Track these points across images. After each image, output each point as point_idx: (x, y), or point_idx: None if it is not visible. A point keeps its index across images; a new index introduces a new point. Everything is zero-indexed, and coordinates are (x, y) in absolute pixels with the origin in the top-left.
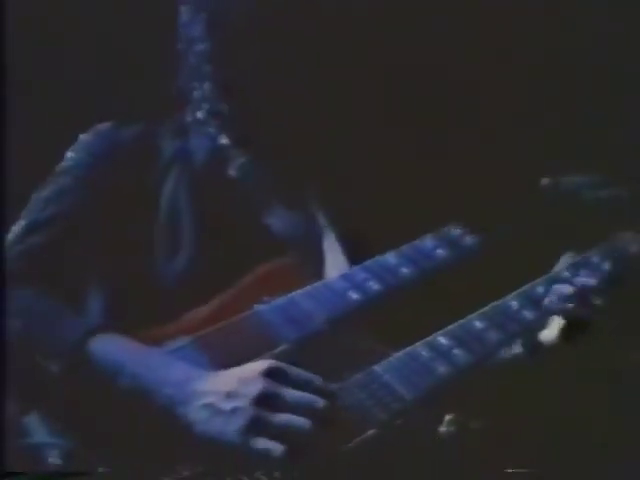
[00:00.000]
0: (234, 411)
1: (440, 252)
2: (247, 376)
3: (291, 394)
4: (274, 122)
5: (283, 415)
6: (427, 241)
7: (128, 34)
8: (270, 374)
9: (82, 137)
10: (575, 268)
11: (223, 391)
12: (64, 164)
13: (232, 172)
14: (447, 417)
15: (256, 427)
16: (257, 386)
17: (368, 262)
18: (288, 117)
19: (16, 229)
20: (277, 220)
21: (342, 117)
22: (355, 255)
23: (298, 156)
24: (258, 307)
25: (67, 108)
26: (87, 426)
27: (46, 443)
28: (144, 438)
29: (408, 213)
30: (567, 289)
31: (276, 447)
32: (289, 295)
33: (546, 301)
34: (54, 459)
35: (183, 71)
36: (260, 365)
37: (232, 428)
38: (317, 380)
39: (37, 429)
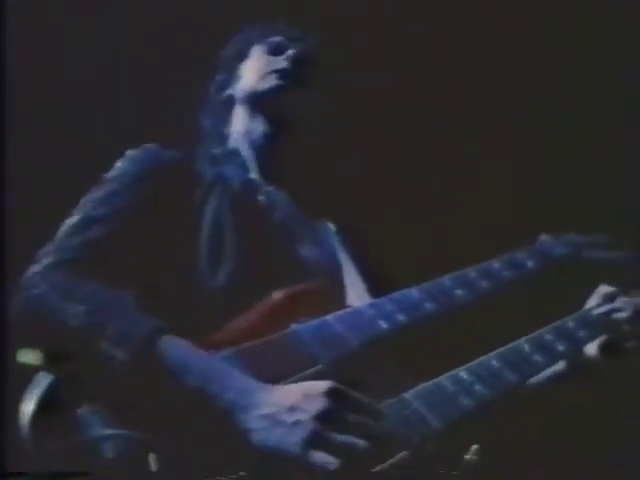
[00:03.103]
0: (296, 424)
1: (458, 292)
2: (311, 393)
3: (352, 416)
4: (299, 157)
5: (342, 435)
6: (446, 280)
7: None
8: (332, 394)
9: (129, 152)
10: (580, 320)
11: (286, 404)
12: (112, 173)
13: (262, 199)
14: (473, 447)
15: (315, 442)
16: (320, 403)
17: (394, 294)
18: (311, 152)
19: (71, 222)
20: (303, 248)
21: (364, 154)
22: (375, 289)
23: (319, 190)
24: (295, 326)
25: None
26: (145, 419)
27: (102, 436)
28: (199, 438)
29: (427, 249)
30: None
31: (332, 461)
32: (323, 318)
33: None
34: (110, 452)
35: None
36: (323, 385)
37: (292, 440)
38: (373, 404)
39: (92, 423)
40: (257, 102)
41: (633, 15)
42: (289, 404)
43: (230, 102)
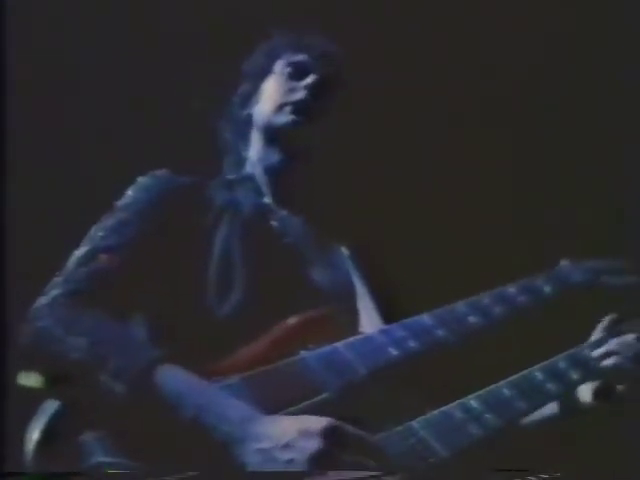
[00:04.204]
0: (289, 463)
1: (471, 318)
2: (307, 430)
3: (348, 456)
4: (313, 181)
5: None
6: (460, 306)
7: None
8: (328, 433)
9: (140, 179)
10: (596, 344)
11: (282, 440)
12: (123, 201)
13: (274, 224)
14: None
15: None
16: (315, 443)
17: (406, 321)
18: (324, 176)
19: (79, 253)
20: (316, 273)
21: (375, 178)
22: (388, 314)
23: (333, 215)
24: (304, 353)
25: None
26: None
27: (104, 463)
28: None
29: (441, 273)
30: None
31: None
32: (333, 345)
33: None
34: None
35: (232, 128)
36: (320, 422)
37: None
38: (370, 440)
39: (94, 449)
40: (272, 134)
41: (633, 14)
42: (284, 441)
43: (250, 120)
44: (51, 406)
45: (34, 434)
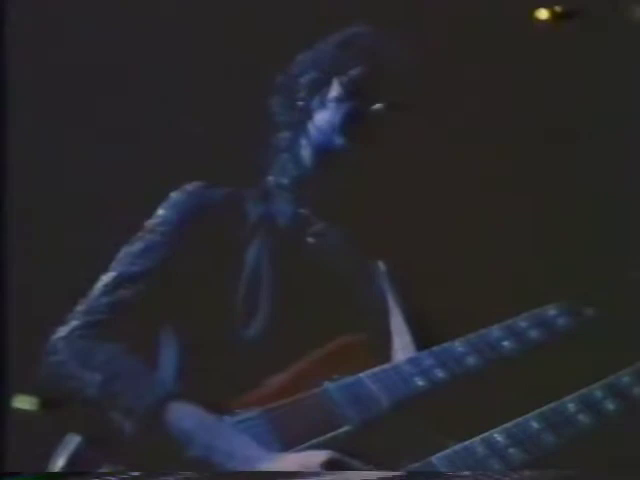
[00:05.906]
0: None
1: (506, 344)
2: (308, 465)
3: None
4: (352, 194)
5: None
6: (494, 331)
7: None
8: (329, 466)
9: (172, 195)
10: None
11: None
12: (153, 221)
13: (310, 239)
14: None
15: None
16: (316, 477)
17: (436, 348)
18: (366, 191)
19: (105, 280)
20: (351, 291)
21: (416, 196)
22: (421, 336)
23: (372, 231)
24: (327, 385)
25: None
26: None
27: None
28: None
29: (477, 299)
30: None
31: None
32: (357, 376)
33: None
34: None
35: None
36: (321, 456)
37: None
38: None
39: None
40: (324, 154)
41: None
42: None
43: (309, 111)
44: (75, 439)
45: (59, 461)
